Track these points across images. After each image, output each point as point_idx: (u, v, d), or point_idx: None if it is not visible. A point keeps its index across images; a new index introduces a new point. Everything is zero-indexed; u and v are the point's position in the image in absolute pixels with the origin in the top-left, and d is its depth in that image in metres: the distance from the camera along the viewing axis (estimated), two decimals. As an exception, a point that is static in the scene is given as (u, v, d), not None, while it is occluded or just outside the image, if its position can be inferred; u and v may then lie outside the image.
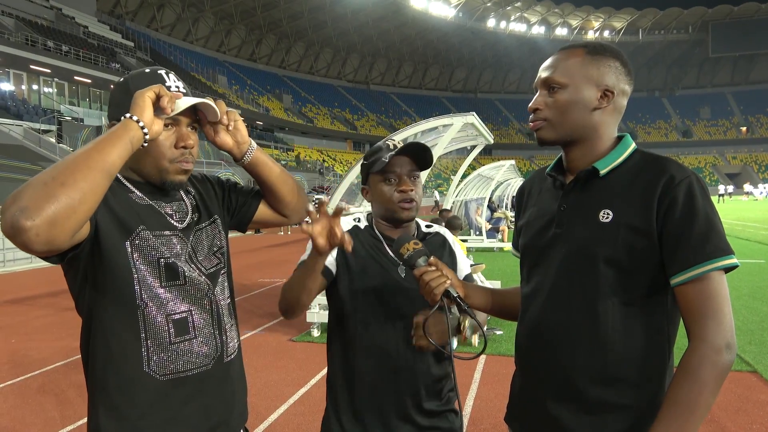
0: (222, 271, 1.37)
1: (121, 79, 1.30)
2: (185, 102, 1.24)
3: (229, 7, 52.52)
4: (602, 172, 1.22)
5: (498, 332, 5.63)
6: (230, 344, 1.35)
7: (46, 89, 29.01)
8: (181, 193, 1.37)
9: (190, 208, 1.36)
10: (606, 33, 74.67)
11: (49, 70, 27.38)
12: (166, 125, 1.24)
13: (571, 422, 1.19)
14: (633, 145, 1.27)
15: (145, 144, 1.15)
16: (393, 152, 1.52)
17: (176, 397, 1.23)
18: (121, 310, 1.19)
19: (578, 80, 1.21)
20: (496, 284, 7.53)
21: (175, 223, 1.30)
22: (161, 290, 1.22)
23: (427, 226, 1.70)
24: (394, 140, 1.57)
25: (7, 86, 26.85)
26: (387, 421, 1.52)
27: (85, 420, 1.25)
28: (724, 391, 4.07)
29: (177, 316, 1.24)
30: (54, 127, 23.45)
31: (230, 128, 1.32)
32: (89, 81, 29.76)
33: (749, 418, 3.60)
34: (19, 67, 26.77)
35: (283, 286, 1.52)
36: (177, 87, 1.27)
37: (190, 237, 1.32)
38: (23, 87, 27.90)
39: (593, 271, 1.18)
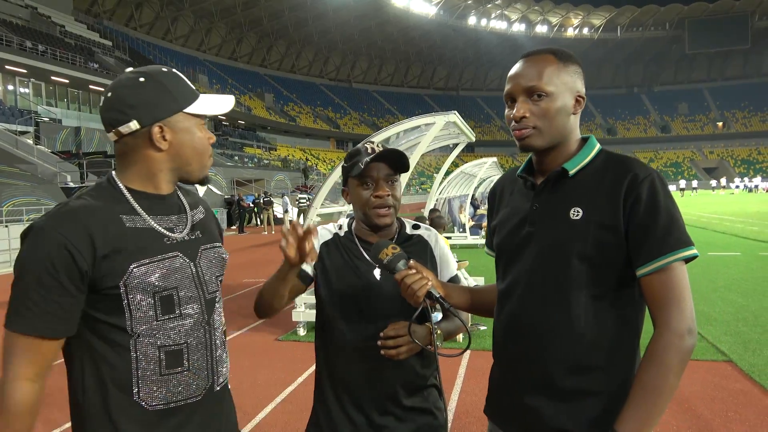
0: (217, 299, 1.35)
1: (142, 78, 1.23)
2: (224, 102, 1.32)
3: (209, 5, 51.96)
4: (571, 172, 1.29)
5: (482, 327, 5.71)
6: (222, 372, 1.34)
7: (22, 90, 28.48)
8: (185, 205, 1.35)
9: (190, 222, 1.33)
10: (585, 30, 75.50)
11: (25, 71, 26.86)
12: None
13: (548, 410, 1.25)
14: (598, 146, 1.33)
15: None
16: (369, 157, 1.53)
17: (164, 426, 1.21)
18: (114, 340, 1.18)
19: (560, 88, 1.27)
20: (479, 281, 7.61)
21: (176, 236, 1.27)
22: (156, 323, 1.20)
23: (414, 227, 1.71)
24: (373, 143, 1.60)
25: (-18, 87, 26.35)
26: (372, 419, 1.56)
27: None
28: (700, 380, 4.19)
29: (171, 348, 1.21)
30: (31, 129, 23.04)
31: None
32: (67, 81, 29.26)
33: (724, 405, 3.72)
34: (-7, 68, 26.27)
35: (260, 288, 1.58)
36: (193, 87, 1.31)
37: (196, 255, 1.30)
38: (-2, 88, 27.38)
39: (565, 267, 1.24)
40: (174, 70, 1.29)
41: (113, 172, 1.28)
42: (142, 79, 1.23)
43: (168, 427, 1.21)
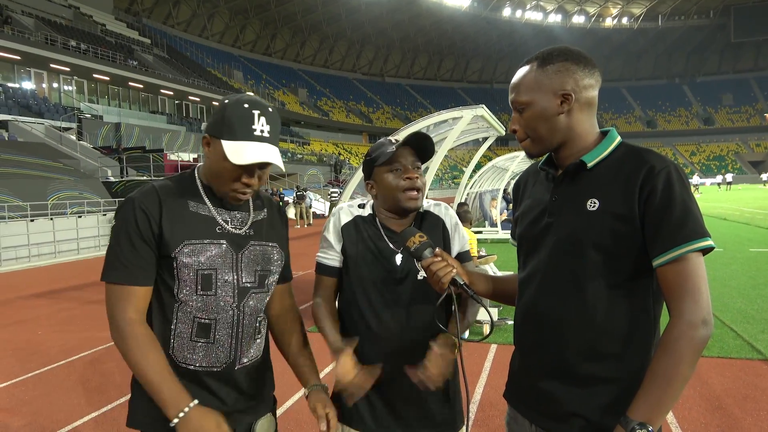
0: (254, 289, 1.49)
1: (227, 100, 1.41)
2: (260, 155, 1.35)
3: (244, 2, 52.76)
4: (589, 164, 1.30)
5: (509, 322, 5.69)
6: (248, 353, 1.49)
7: (65, 87, 29.54)
8: (250, 205, 1.53)
9: (250, 220, 1.51)
10: (624, 20, 73.42)
11: (68, 69, 27.85)
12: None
13: (563, 395, 1.29)
14: (618, 139, 1.35)
15: None
16: (397, 144, 1.61)
17: (186, 385, 1.38)
18: (166, 300, 1.42)
19: (536, 95, 1.31)
20: (509, 275, 7.56)
21: (229, 228, 1.46)
22: (195, 296, 1.41)
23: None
24: (395, 137, 1.67)
25: (29, 85, 27.41)
26: (392, 403, 1.61)
27: (109, 407, 1.39)
28: (733, 378, 4.10)
29: (202, 321, 1.42)
30: (74, 125, 23.89)
31: None
32: (107, 78, 30.22)
33: (757, 405, 3.63)
34: (39, 66, 27.30)
35: (316, 314, 1.75)
36: (262, 131, 1.38)
37: (242, 247, 1.47)
38: (44, 85, 28.44)
39: (581, 256, 1.26)
40: (254, 110, 1.38)
41: (200, 165, 1.52)
42: (227, 101, 1.42)
43: (187, 383, 1.40)
